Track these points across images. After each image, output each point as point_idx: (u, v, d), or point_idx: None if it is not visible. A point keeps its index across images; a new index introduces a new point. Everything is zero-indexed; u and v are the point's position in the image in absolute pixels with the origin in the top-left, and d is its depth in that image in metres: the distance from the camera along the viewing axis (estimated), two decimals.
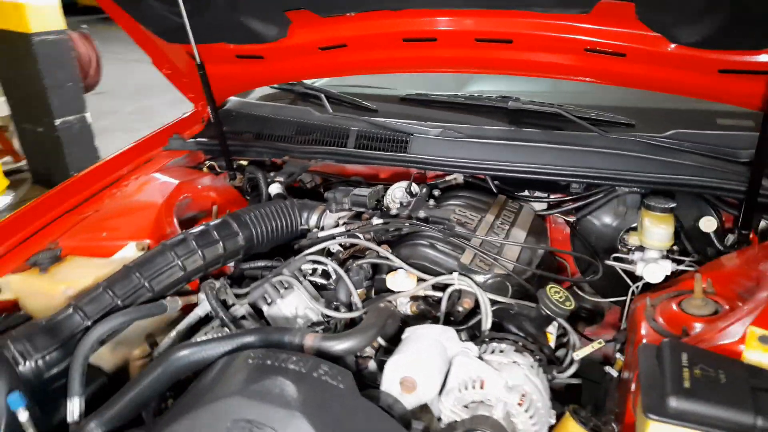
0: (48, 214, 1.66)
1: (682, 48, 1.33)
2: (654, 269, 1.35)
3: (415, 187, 1.62)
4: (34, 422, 1.10)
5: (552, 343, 1.24)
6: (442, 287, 1.26)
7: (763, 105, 1.31)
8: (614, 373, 1.24)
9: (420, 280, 1.27)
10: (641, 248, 1.47)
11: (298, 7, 1.58)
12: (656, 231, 1.40)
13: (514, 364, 1.03)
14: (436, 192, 1.66)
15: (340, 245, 1.46)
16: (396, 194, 1.62)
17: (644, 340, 1.13)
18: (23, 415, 1.06)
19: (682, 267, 1.40)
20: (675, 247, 1.52)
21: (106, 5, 1.71)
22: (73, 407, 1.13)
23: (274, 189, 1.78)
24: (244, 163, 2.00)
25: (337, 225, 1.51)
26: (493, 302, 1.23)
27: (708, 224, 1.49)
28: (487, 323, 1.19)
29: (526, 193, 1.71)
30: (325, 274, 1.39)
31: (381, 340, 1.18)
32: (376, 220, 1.41)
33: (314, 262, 1.34)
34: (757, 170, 1.30)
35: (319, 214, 1.58)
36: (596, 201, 1.62)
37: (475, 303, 1.23)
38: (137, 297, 1.31)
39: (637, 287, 1.49)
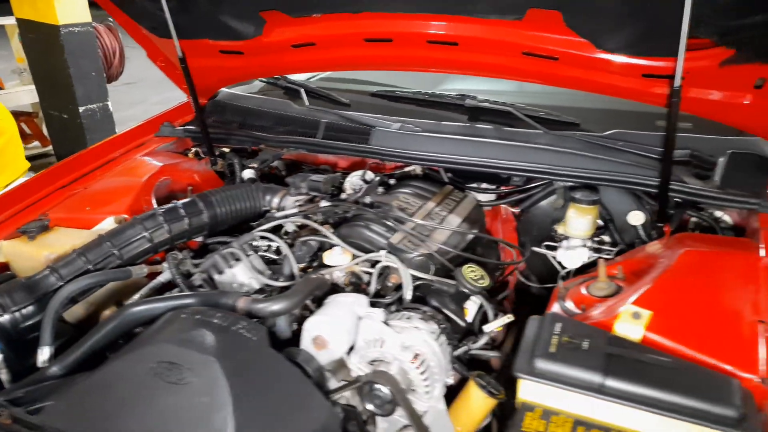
0: (43, 190, 1.85)
1: (607, 53, 1.43)
2: (572, 256, 1.47)
3: (370, 175, 1.76)
4: (8, 364, 1.29)
5: (469, 317, 1.37)
6: (374, 263, 1.40)
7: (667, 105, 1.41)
8: None
9: (354, 256, 1.41)
10: (567, 237, 1.58)
11: (271, 8, 1.73)
12: (578, 222, 1.51)
13: (415, 329, 1.16)
14: (392, 181, 1.80)
15: (297, 225, 1.61)
16: (353, 181, 1.77)
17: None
18: None
19: (602, 255, 1.50)
20: (606, 238, 1.63)
21: (103, 3, 1.90)
22: (43, 354, 1.31)
23: (247, 174, 1.95)
24: (227, 150, 2.17)
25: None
26: (415, 278, 1.36)
27: (635, 218, 1.59)
28: (407, 296, 1.32)
29: (475, 185, 1.83)
30: (279, 251, 1.54)
31: (312, 307, 1.33)
32: (323, 203, 1.56)
33: (264, 238, 1.49)
34: (665, 167, 1.40)
35: (281, 197, 1.73)
36: (536, 194, 1.74)
37: None
38: (107, 263, 1.49)
39: (568, 273, 1.60)
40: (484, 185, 1.82)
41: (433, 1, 1.50)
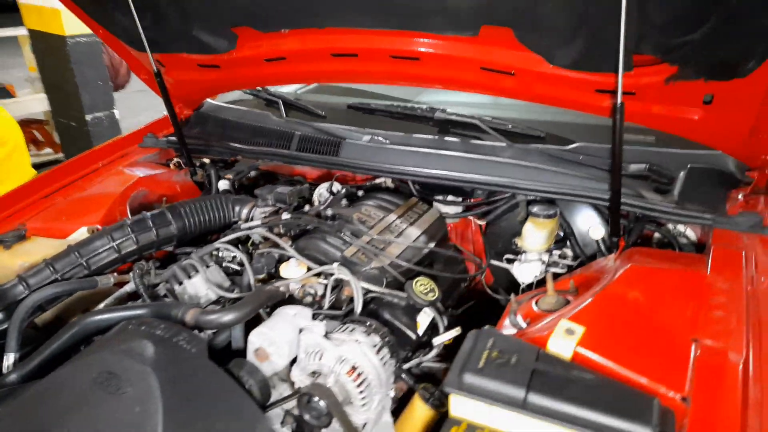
0: (27, 199, 1.92)
1: (560, 69, 1.45)
2: (525, 269, 1.49)
3: (337, 187, 1.80)
4: None
5: (420, 330, 1.39)
6: (328, 276, 1.43)
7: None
8: None
9: (309, 269, 1.44)
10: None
11: (242, 24, 1.78)
12: (533, 235, 1.52)
13: (354, 342, 1.19)
14: (360, 192, 1.83)
15: (263, 237, 1.65)
16: (321, 193, 1.80)
17: (503, 332, 1.28)
18: None
19: (555, 269, 1.52)
20: (568, 251, 1.64)
21: (82, 18, 1.96)
22: (8, 360, 1.36)
23: (222, 185, 1.99)
24: (207, 161, 2.22)
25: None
26: (368, 291, 1.39)
27: (595, 232, 1.60)
28: (357, 308, 1.35)
29: (441, 197, 1.85)
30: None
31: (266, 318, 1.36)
32: (284, 215, 1.60)
33: (224, 249, 1.53)
34: (614, 181, 1.41)
35: (249, 209, 1.77)
36: (500, 206, 1.76)
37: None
38: (75, 273, 1.54)
39: (530, 286, 1.61)
40: (450, 197, 1.84)
41: (391, 18, 1.53)
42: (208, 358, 1.11)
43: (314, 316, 1.38)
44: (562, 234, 1.68)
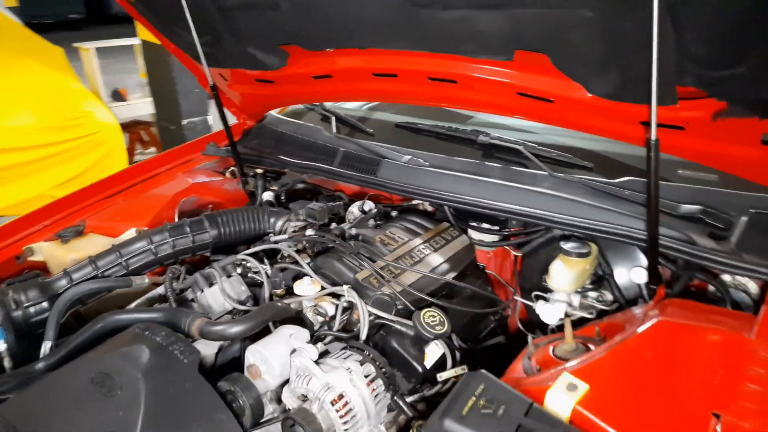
0: (94, 197, 2.08)
1: (598, 98, 1.34)
2: (548, 310, 1.38)
3: (369, 205, 1.78)
4: (13, 354, 1.46)
5: (428, 362, 1.34)
6: (340, 297, 1.41)
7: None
8: None
9: (323, 287, 1.44)
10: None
11: (289, 43, 1.83)
12: (561, 274, 1.41)
13: (345, 370, 1.16)
14: (394, 213, 1.81)
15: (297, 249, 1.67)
16: (353, 210, 1.79)
17: (514, 375, 1.20)
18: (2, 346, 1.42)
19: (586, 313, 1.40)
20: (607, 294, 1.51)
21: (153, 32, 2.11)
22: (45, 349, 1.47)
23: (266, 196, 2.05)
24: (260, 171, 2.29)
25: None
26: (377, 317, 1.36)
27: (638, 275, 1.46)
28: (362, 334, 1.32)
29: (475, 224, 1.78)
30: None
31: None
32: (309, 232, 1.60)
33: (244, 261, 1.57)
34: (651, 222, 1.27)
35: (283, 222, 1.80)
36: (536, 239, 1.65)
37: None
38: (115, 271, 1.64)
39: (555, 327, 1.50)
40: (485, 225, 1.76)
41: (425, 41, 1.50)
42: (198, 370, 1.13)
43: (321, 337, 1.38)
44: (600, 273, 1.55)
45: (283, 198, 2.15)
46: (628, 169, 1.61)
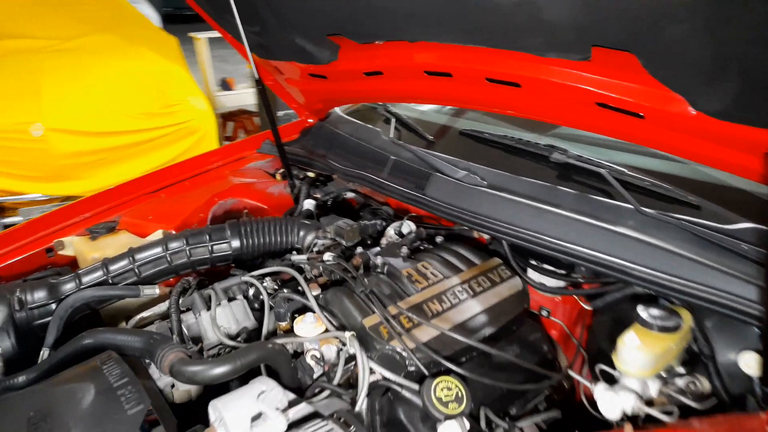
0: (136, 192, 2.00)
1: (706, 117, 0.96)
2: (609, 400, 1.02)
3: (408, 228, 1.50)
4: (9, 357, 1.37)
5: None
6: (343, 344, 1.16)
7: None
8: None
9: (327, 330, 1.19)
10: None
11: (338, 33, 1.60)
12: (633, 352, 1.04)
13: None
14: (439, 238, 1.51)
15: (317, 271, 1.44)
16: (390, 232, 1.53)
17: None
18: None
19: (648, 410, 1.02)
20: (703, 382, 1.12)
21: (209, 21, 1.98)
22: (44, 355, 1.37)
23: (307, 204, 1.84)
24: (311, 174, 2.09)
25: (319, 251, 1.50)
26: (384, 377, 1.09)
27: (747, 362, 1.05)
28: (360, 395, 1.06)
29: (535, 263, 1.43)
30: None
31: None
32: (327, 256, 1.36)
33: (248, 283, 1.36)
34: (765, 294, 0.87)
35: (313, 237, 1.58)
36: (611, 293, 1.28)
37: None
38: (125, 278, 1.51)
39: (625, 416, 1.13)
40: (547, 266, 1.41)
41: (482, 34, 1.19)
42: (140, 424, 0.93)
43: (316, 389, 1.13)
44: (696, 350, 1.15)
45: (329, 206, 1.94)
46: (747, 207, 1.18)
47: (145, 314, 1.46)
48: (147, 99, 4.25)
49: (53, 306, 1.46)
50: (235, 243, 1.56)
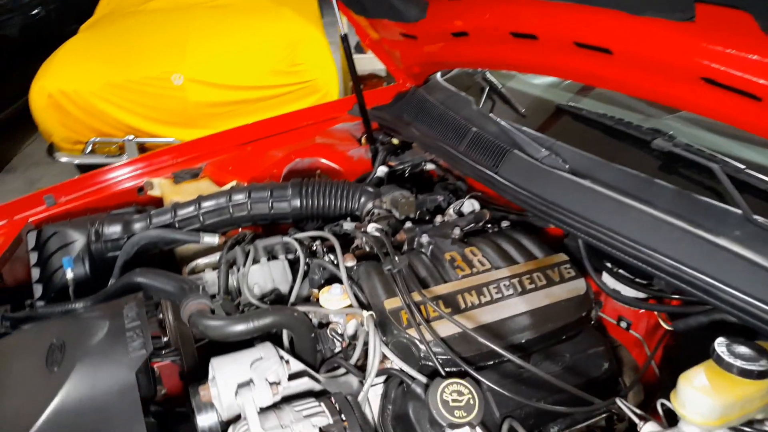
0: (231, 142, 2.04)
1: None
2: None
3: (470, 207, 1.35)
4: (81, 284, 1.48)
5: None
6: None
7: None
8: None
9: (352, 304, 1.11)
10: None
11: None
12: (694, 395, 0.82)
13: (287, 428, 0.84)
14: (505, 223, 1.35)
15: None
16: (450, 210, 1.39)
17: None
18: (69, 274, 1.44)
19: None
20: None
21: None
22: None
23: (380, 171, 1.75)
24: (395, 141, 1.99)
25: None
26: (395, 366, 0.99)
27: None
28: (367, 380, 0.97)
29: (612, 267, 1.21)
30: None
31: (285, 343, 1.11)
32: (370, 228, 1.27)
33: (287, 244, 1.32)
34: None
35: (372, 204, 1.49)
36: (696, 315, 1.03)
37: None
38: (190, 223, 1.56)
39: None
40: (623, 273, 1.19)
41: None
42: (136, 370, 0.93)
43: (333, 365, 1.07)
44: None
45: (406, 176, 1.83)
46: None
47: (201, 261, 1.49)
48: (278, 57, 4.39)
49: (119, 242, 1.54)
50: (295, 202, 1.53)
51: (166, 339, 1.22)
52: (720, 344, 0.85)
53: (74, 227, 1.52)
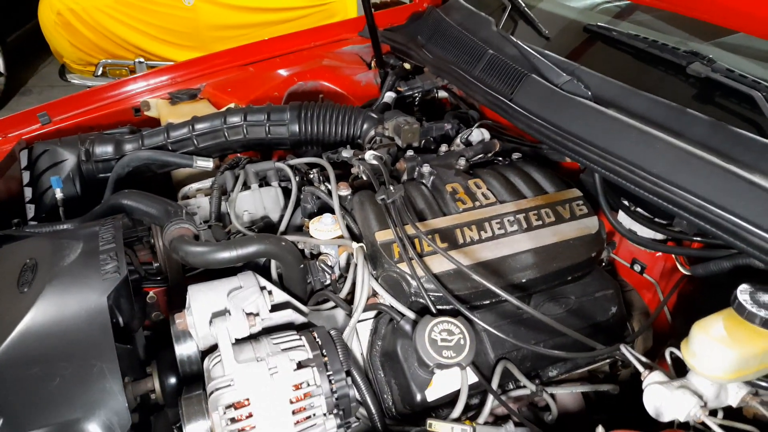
0: (232, 62, 1.93)
1: None
2: (665, 402, 0.75)
3: (479, 136, 1.24)
4: (70, 203, 1.43)
5: (431, 393, 0.88)
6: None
7: None
8: None
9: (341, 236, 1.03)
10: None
11: None
12: (709, 345, 0.74)
13: (265, 368, 0.78)
14: (516, 155, 1.24)
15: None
16: (458, 139, 1.28)
17: None
18: (59, 194, 1.39)
19: (712, 423, 0.72)
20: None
21: None
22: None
23: (387, 97, 1.63)
24: (407, 65, 1.85)
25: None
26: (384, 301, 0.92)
27: None
28: (355, 313, 0.91)
29: (629, 204, 1.10)
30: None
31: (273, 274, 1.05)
32: (368, 155, 1.17)
33: (281, 170, 1.23)
34: None
35: (374, 131, 1.39)
36: (718, 260, 0.94)
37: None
38: (183, 145, 1.47)
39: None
40: (641, 212, 1.08)
41: None
42: (109, 294, 0.88)
43: (320, 298, 1.01)
44: None
45: (416, 103, 1.71)
46: None
47: (195, 185, 1.43)
48: None
49: (109, 163, 1.48)
50: (293, 127, 1.43)
51: (157, 265, 1.17)
52: (743, 291, 0.75)
53: (65, 146, 1.45)
